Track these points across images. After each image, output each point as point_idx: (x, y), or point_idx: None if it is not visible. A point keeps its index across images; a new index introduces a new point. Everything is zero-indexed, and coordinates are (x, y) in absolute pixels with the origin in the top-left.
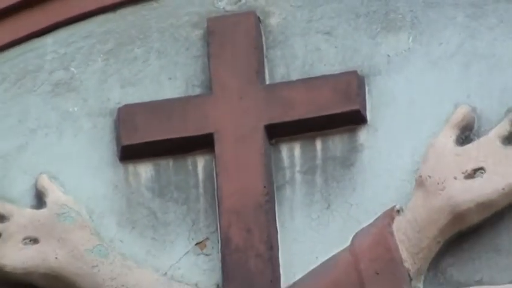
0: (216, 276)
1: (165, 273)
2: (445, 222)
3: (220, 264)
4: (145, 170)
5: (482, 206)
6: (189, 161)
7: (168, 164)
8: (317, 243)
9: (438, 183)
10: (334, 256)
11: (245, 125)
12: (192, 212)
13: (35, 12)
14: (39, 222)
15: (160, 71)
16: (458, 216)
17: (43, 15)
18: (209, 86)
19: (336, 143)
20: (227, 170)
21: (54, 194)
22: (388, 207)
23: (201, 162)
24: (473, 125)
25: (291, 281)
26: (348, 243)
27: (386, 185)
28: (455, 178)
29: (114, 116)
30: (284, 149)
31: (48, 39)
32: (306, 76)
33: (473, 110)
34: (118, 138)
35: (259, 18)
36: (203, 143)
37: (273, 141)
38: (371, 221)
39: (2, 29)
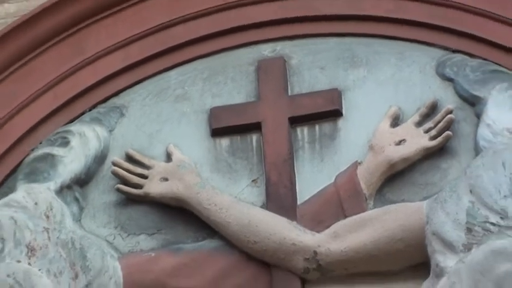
0: (263, 198)
1: (235, 197)
2: (384, 169)
3: (265, 192)
4: (224, 142)
5: (404, 160)
6: (248, 136)
7: (237, 138)
8: (317, 180)
9: (381, 148)
10: (325, 188)
11: (278, 117)
12: (250, 164)
13: (164, 58)
14: (168, 170)
15: (232, 88)
16: (391, 165)
17: (169, 59)
18: (259, 97)
19: (326, 126)
20: (269, 141)
21: (176, 155)
22: (354, 160)
23: (255, 137)
24: (400, 117)
25: (303, 201)
26: (333, 180)
27: (354, 150)
28: (389, 145)
29: (208, 113)
30: (298, 130)
31: (172, 72)
32: (310, 91)
33: (399, 108)
34: (210, 125)
35: (285, 60)
36: (256, 127)
37: (293, 125)
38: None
39: (148, 67)
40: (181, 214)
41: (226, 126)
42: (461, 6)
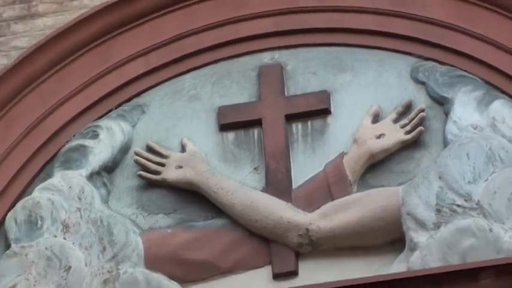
0: (263, 183)
1: (240, 182)
2: (366, 158)
3: (264, 178)
4: (231, 135)
5: (383, 151)
6: (250, 131)
7: (241, 132)
8: (309, 168)
9: (363, 141)
10: (316, 174)
11: (276, 114)
12: (252, 154)
13: (179, 64)
14: (182, 159)
15: (237, 90)
16: (372, 156)
17: (183, 65)
18: (259, 97)
19: (317, 123)
20: (268, 135)
21: (190, 146)
22: (341, 151)
23: (256, 131)
24: (380, 114)
25: (297, 185)
26: (322, 168)
27: (340, 142)
28: (371, 138)
29: (216, 111)
30: (293, 126)
31: (186, 76)
32: (303, 92)
33: (379, 107)
34: (218, 121)
35: (282, 66)
36: (257, 123)
37: (289, 122)
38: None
39: (165, 72)
40: (193, 197)
41: (232, 122)
42: (432, 21)
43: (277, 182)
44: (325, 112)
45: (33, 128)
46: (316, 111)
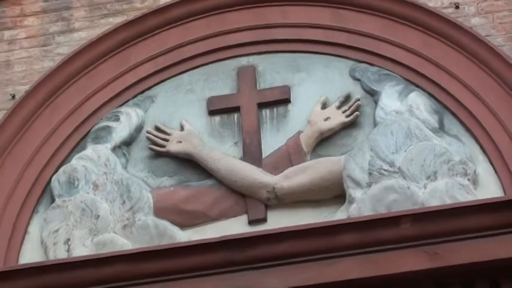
0: (241, 154)
1: (224, 153)
2: (317, 135)
3: (242, 150)
4: (217, 118)
5: (329, 130)
6: (232, 115)
7: (225, 116)
8: (275, 142)
9: (315, 122)
10: (279, 147)
11: (250, 103)
12: (233, 132)
13: (179, 66)
14: (182, 136)
15: (222, 85)
16: (321, 133)
17: (182, 67)
18: (238, 90)
19: (281, 109)
20: (245, 118)
21: (187, 126)
22: (298, 130)
23: (236, 115)
24: (327, 103)
25: (266, 155)
26: (285, 143)
27: (298, 124)
28: (320, 121)
29: (206, 100)
30: (263, 111)
31: (184, 75)
32: (270, 87)
33: (326, 98)
34: (208, 107)
35: (255, 67)
36: (237, 109)
37: (260, 108)
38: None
39: (169, 71)
40: (190, 164)
41: (218, 109)
42: (365, 34)
43: (251, 153)
44: (286, 101)
45: (72, 113)
46: (280, 100)
